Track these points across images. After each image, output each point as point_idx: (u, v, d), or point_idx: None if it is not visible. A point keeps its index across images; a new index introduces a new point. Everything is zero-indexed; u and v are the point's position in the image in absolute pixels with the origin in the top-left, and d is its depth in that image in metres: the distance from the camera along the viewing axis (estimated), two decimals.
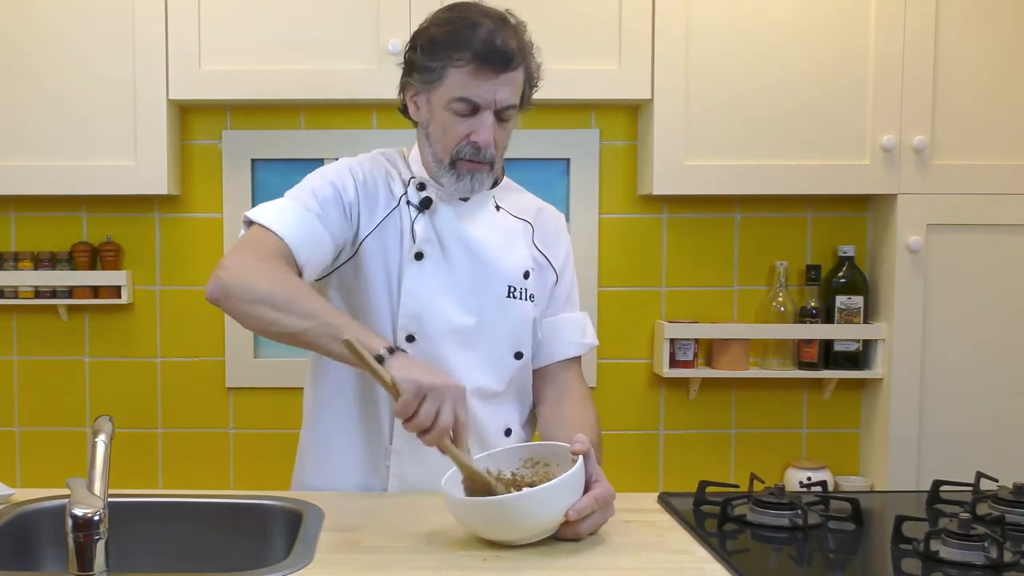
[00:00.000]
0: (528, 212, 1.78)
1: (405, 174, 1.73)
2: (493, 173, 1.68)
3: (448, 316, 1.67)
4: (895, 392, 2.49)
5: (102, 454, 1.30)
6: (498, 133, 1.62)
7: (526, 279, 1.71)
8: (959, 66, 2.44)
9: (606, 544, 1.44)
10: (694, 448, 2.70)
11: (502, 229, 1.73)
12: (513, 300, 1.70)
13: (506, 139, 1.66)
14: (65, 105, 2.41)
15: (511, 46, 1.57)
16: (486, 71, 1.56)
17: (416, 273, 1.66)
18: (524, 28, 1.63)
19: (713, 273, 2.67)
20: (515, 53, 1.57)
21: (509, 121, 1.64)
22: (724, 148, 2.44)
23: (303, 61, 2.41)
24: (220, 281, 1.52)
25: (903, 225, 2.47)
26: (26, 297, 2.57)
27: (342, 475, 1.74)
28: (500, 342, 1.70)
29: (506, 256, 1.70)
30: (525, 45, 1.62)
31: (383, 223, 1.68)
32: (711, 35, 2.42)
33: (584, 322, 1.82)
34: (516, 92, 1.61)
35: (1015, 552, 1.36)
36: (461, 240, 1.68)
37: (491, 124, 1.60)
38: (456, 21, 1.59)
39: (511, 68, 1.58)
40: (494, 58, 1.56)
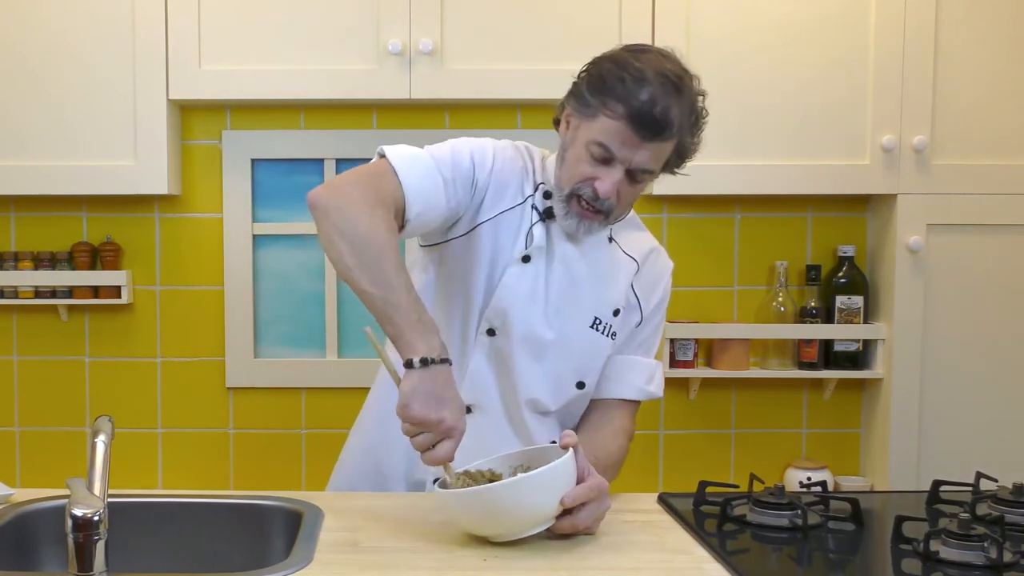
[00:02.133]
0: (640, 252, 1.76)
1: (539, 176, 1.71)
2: (607, 223, 1.65)
3: (532, 324, 1.67)
4: (895, 392, 2.49)
5: (102, 454, 1.30)
6: (625, 190, 1.60)
7: (615, 316, 1.71)
8: (959, 66, 2.44)
9: (606, 544, 1.44)
10: (694, 448, 2.70)
11: (608, 262, 1.72)
12: (595, 332, 1.70)
13: (633, 197, 1.64)
14: (65, 105, 2.41)
15: (669, 117, 1.53)
16: (634, 133, 1.54)
17: (518, 273, 1.66)
18: (699, 95, 1.61)
19: (713, 273, 2.67)
20: (670, 126, 1.54)
21: (641, 183, 1.61)
22: (724, 148, 2.44)
23: (303, 61, 2.41)
24: (327, 196, 1.49)
25: (903, 225, 2.47)
26: (26, 297, 2.57)
27: (391, 479, 1.76)
28: (568, 366, 1.70)
29: (603, 289, 1.70)
30: (685, 119, 1.57)
31: (504, 215, 1.67)
32: (711, 35, 2.42)
33: (655, 370, 1.78)
34: (657, 160, 1.58)
35: (1015, 552, 1.36)
36: (567, 259, 1.68)
37: (619, 180, 1.57)
38: (629, 68, 1.55)
39: (660, 139, 1.55)
40: (646, 124, 1.53)
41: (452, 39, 2.39)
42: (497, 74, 2.41)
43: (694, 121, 1.61)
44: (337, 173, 2.62)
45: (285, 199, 2.64)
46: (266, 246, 2.65)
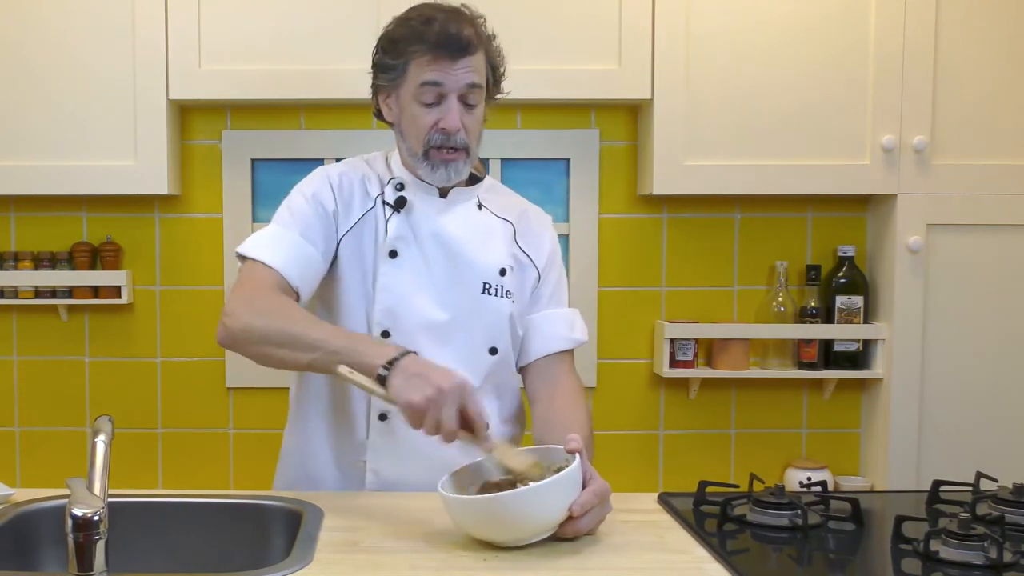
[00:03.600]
0: (511, 212, 1.82)
1: (385, 175, 1.77)
2: (470, 161, 1.71)
3: (422, 312, 1.71)
4: (895, 392, 2.49)
5: (102, 454, 1.30)
6: (466, 119, 1.67)
7: (502, 276, 1.75)
8: (959, 66, 2.44)
9: (606, 544, 1.44)
10: (694, 448, 2.70)
11: (481, 227, 1.76)
12: (488, 296, 1.73)
13: (476, 125, 1.70)
14: (65, 105, 2.41)
15: (465, 32, 1.64)
16: (444, 58, 1.63)
17: (390, 270, 1.71)
18: (482, 20, 1.70)
19: (713, 273, 2.67)
20: (470, 39, 1.64)
21: (476, 107, 1.68)
22: (724, 148, 2.44)
23: (303, 61, 2.41)
24: (226, 328, 1.62)
25: (903, 225, 2.47)
26: (26, 297, 2.57)
27: (321, 472, 1.78)
28: (475, 338, 1.73)
29: (483, 253, 1.74)
30: (482, 32, 1.69)
31: (358, 224, 1.73)
32: (711, 35, 2.42)
33: (572, 317, 1.83)
34: (477, 74, 1.67)
35: (1015, 552, 1.36)
36: (437, 237, 1.72)
37: (456, 108, 1.65)
38: (412, 19, 1.68)
39: (468, 53, 1.65)
40: (450, 44, 1.63)
41: None
42: None
43: (487, 35, 1.71)
44: None
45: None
46: None
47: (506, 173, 2.63)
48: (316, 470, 1.80)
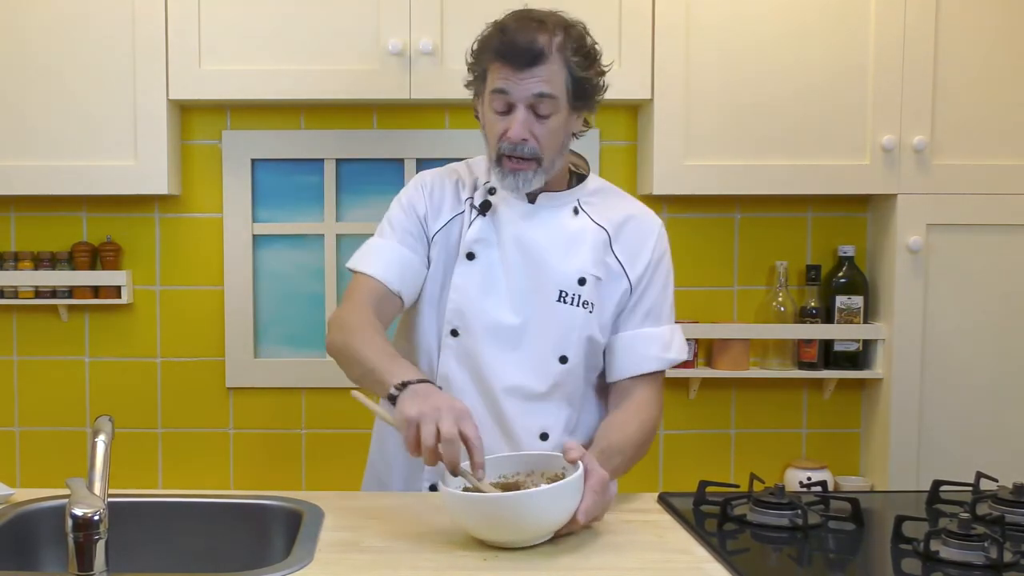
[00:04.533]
0: (613, 219, 1.77)
1: (482, 179, 1.78)
2: (542, 171, 1.68)
3: (492, 314, 1.71)
4: (895, 392, 2.49)
5: (102, 454, 1.31)
6: (536, 128, 1.65)
7: (581, 285, 1.72)
8: (959, 66, 2.44)
9: (606, 544, 1.44)
10: (694, 448, 2.70)
11: (569, 233, 1.74)
12: (563, 305, 1.72)
13: (549, 136, 1.66)
14: (65, 105, 2.41)
15: (537, 43, 1.62)
16: (510, 67, 1.63)
17: (465, 271, 1.73)
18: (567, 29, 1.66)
19: (713, 273, 2.67)
20: (540, 49, 1.62)
21: (549, 117, 1.65)
22: (724, 148, 2.44)
23: (303, 61, 2.41)
24: (328, 340, 1.70)
25: (903, 225, 2.47)
26: (26, 297, 2.57)
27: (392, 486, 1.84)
28: (545, 345, 1.72)
29: (564, 261, 1.72)
30: (559, 41, 1.64)
31: (447, 225, 1.76)
32: (711, 35, 2.42)
33: (668, 336, 1.78)
34: (549, 84, 1.63)
35: (1015, 552, 1.36)
36: (519, 242, 1.72)
37: (522, 119, 1.64)
38: (493, 26, 1.69)
39: (537, 63, 1.62)
40: (515, 54, 1.62)
41: (452, 39, 2.39)
42: None
43: (577, 48, 1.66)
44: (337, 173, 2.63)
45: (285, 199, 2.64)
46: (266, 246, 2.65)
47: None
48: (389, 483, 1.84)
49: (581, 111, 1.71)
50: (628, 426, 1.69)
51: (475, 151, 2.59)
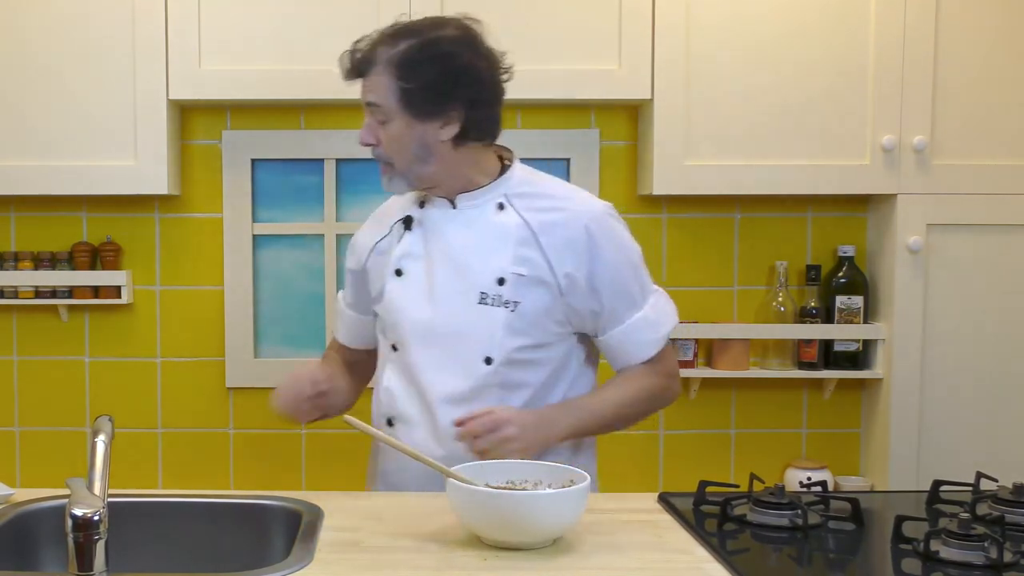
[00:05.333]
0: (542, 211, 1.75)
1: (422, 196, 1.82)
2: (398, 175, 1.74)
3: (422, 324, 1.76)
4: (895, 392, 2.49)
5: (102, 454, 1.30)
6: (380, 133, 1.72)
7: (501, 285, 1.72)
8: (959, 66, 2.44)
9: (606, 544, 1.44)
10: (694, 448, 2.70)
11: (489, 233, 1.74)
12: (485, 307, 1.73)
13: (389, 141, 1.72)
14: (65, 105, 2.41)
15: (364, 57, 1.72)
16: (348, 77, 1.75)
17: (395, 287, 1.79)
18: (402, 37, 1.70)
19: (713, 273, 2.67)
20: (361, 61, 1.71)
21: (388, 123, 1.71)
22: (724, 148, 2.44)
23: (303, 61, 2.41)
24: None
25: (903, 225, 2.47)
26: (26, 297, 2.57)
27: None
28: (470, 348, 1.74)
29: (483, 262, 1.73)
30: (385, 53, 1.70)
31: (375, 252, 1.86)
32: (711, 35, 2.42)
33: (653, 315, 1.78)
34: (373, 94, 1.71)
35: (1015, 552, 1.36)
36: (443, 249, 1.76)
37: (365, 123, 1.74)
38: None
39: (361, 74, 1.72)
40: (349, 66, 1.74)
41: None
42: None
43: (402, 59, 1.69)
44: (337, 173, 2.63)
45: (285, 199, 2.64)
46: (266, 246, 2.65)
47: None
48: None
49: (428, 119, 1.69)
50: (607, 390, 1.79)
51: None
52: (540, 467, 1.54)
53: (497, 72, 1.74)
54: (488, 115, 1.73)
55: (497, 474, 1.51)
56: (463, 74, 1.68)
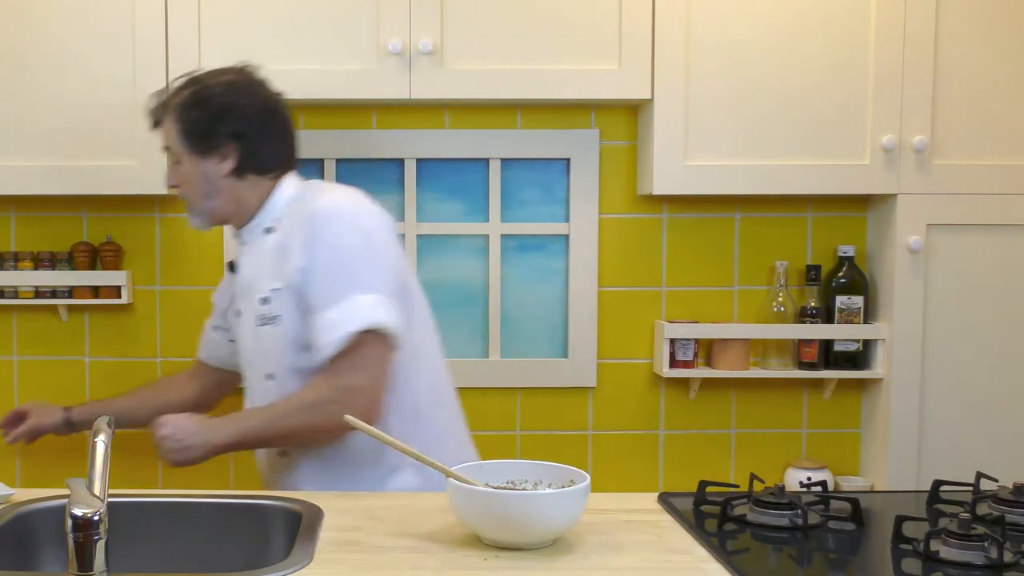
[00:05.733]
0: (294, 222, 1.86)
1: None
2: (195, 211, 1.95)
3: (243, 363, 1.98)
4: (895, 392, 2.49)
5: (102, 454, 1.30)
6: (178, 173, 1.95)
7: (266, 304, 1.86)
8: (959, 66, 2.44)
9: (606, 544, 1.44)
10: (694, 448, 2.70)
11: (259, 258, 1.91)
12: (262, 328, 1.88)
13: (183, 181, 1.94)
14: (65, 105, 2.41)
15: (152, 108, 1.99)
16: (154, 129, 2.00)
17: (236, 327, 2.01)
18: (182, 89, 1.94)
19: (713, 273, 2.67)
20: (156, 111, 1.97)
21: (180, 163, 1.93)
22: (724, 148, 2.44)
23: (303, 61, 2.41)
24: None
25: (903, 225, 2.47)
26: (26, 297, 2.57)
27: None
28: (258, 369, 1.92)
29: (253, 288, 1.90)
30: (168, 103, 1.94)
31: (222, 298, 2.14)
32: (711, 35, 2.42)
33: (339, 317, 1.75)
34: (165, 139, 1.95)
35: (1015, 552, 1.36)
36: (240, 284, 1.96)
37: (167, 167, 1.98)
38: None
39: (157, 125, 1.97)
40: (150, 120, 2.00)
41: (452, 39, 2.39)
42: (497, 74, 2.41)
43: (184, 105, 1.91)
44: (337, 173, 2.63)
45: None
46: None
47: (506, 173, 2.63)
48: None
49: (206, 155, 1.90)
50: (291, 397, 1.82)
51: (475, 151, 2.62)
52: (540, 467, 1.54)
53: (268, 110, 1.93)
54: (264, 148, 1.91)
55: (497, 474, 1.52)
56: (227, 112, 1.88)
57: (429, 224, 2.63)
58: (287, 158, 1.95)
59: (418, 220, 2.63)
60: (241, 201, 1.91)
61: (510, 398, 2.67)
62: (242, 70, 1.96)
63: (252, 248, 1.92)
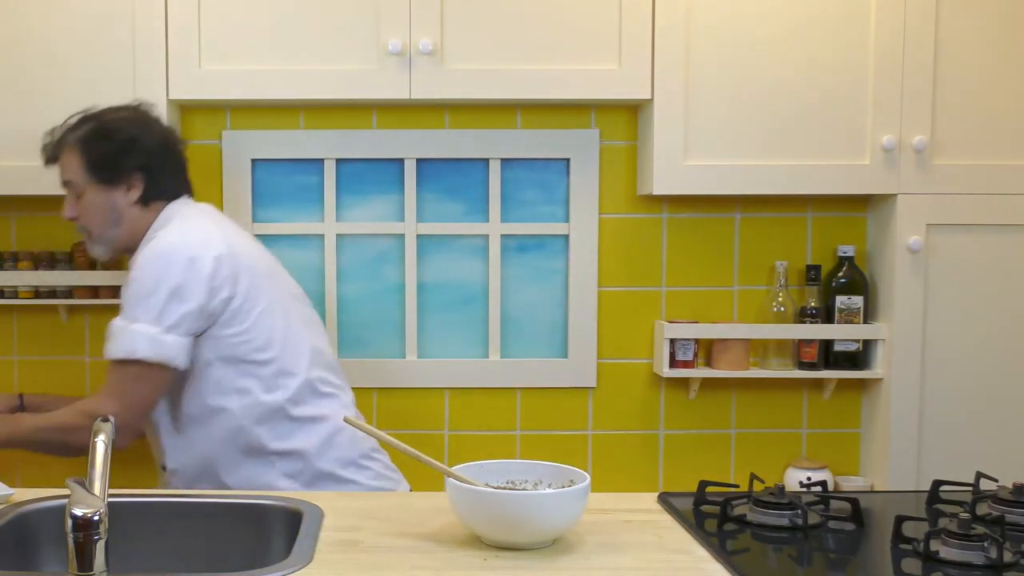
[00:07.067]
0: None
1: None
2: (96, 240, 2.10)
3: None
4: (895, 392, 2.49)
5: (102, 454, 1.30)
6: (79, 206, 2.08)
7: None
8: (959, 66, 2.44)
9: (606, 544, 1.44)
10: (694, 448, 2.70)
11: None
12: None
13: (86, 211, 2.08)
14: (65, 105, 2.39)
15: (49, 146, 2.12)
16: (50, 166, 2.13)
17: None
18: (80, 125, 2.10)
19: (713, 273, 2.67)
20: (50, 151, 2.12)
21: (83, 194, 2.06)
22: (724, 148, 2.44)
23: (303, 61, 2.41)
24: None
25: (903, 225, 2.47)
26: (26, 297, 2.57)
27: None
28: None
29: None
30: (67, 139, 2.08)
31: None
32: (711, 35, 2.42)
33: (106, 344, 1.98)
34: (67, 173, 2.09)
35: (1015, 552, 1.36)
36: None
37: (66, 201, 2.10)
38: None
39: (55, 161, 2.11)
40: (45, 156, 2.14)
41: (452, 39, 2.40)
42: (497, 74, 2.41)
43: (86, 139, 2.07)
44: (337, 173, 2.63)
45: (285, 199, 2.64)
46: (266, 246, 2.64)
47: (506, 173, 2.63)
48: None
49: (113, 185, 2.05)
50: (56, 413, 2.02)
51: (475, 151, 2.62)
52: (540, 467, 1.54)
53: (167, 143, 2.13)
54: (167, 178, 2.10)
55: (497, 474, 1.52)
56: (131, 144, 2.05)
57: (429, 224, 2.63)
58: (184, 185, 2.16)
59: (418, 220, 2.63)
60: (139, 230, 2.08)
61: (510, 398, 2.67)
62: (137, 107, 2.16)
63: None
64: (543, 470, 1.53)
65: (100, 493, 1.26)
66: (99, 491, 1.26)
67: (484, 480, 1.48)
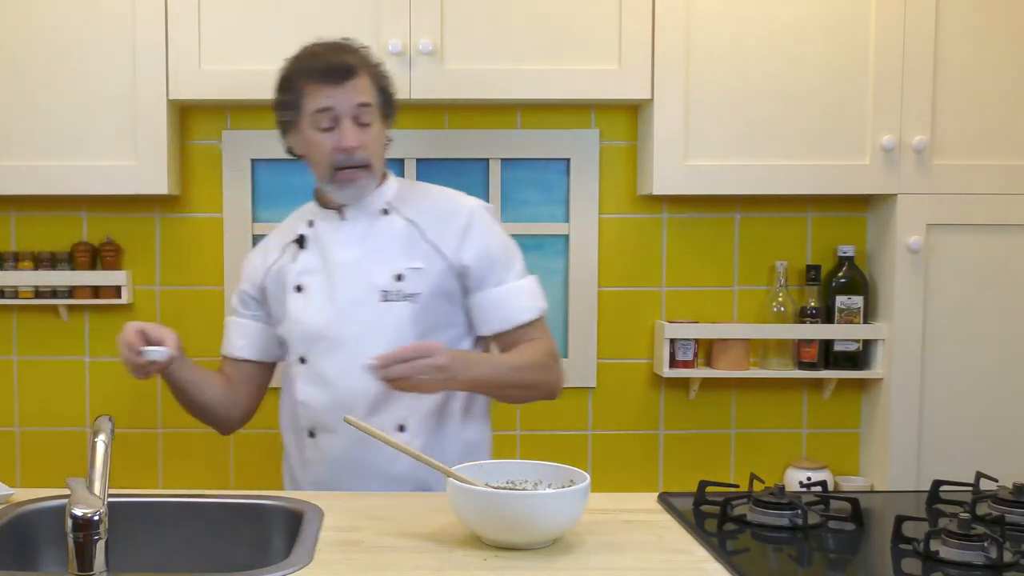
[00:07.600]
0: (423, 211, 1.90)
1: (308, 216, 1.96)
2: (373, 176, 1.88)
3: (327, 333, 1.86)
4: (895, 392, 2.49)
5: (102, 454, 1.31)
6: (363, 136, 1.84)
7: (400, 281, 1.85)
8: (959, 66, 2.44)
9: (606, 544, 1.44)
10: (694, 448, 2.70)
11: (379, 236, 1.89)
12: (390, 303, 1.85)
13: (374, 142, 1.86)
14: (65, 105, 2.41)
15: (346, 59, 1.85)
16: (330, 84, 1.83)
17: (296, 302, 1.90)
18: (365, 50, 1.92)
19: (713, 273, 2.67)
20: (353, 64, 1.85)
21: (371, 125, 1.86)
22: (724, 148, 2.44)
23: None
24: None
25: (903, 225, 2.47)
26: (26, 297, 2.57)
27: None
28: (380, 345, 1.78)
29: (379, 263, 1.86)
30: (365, 58, 1.89)
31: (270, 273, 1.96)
32: (711, 35, 2.42)
33: (531, 286, 1.92)
34: (364, 93, 1.85)
35: (1015, 552, 1.36)
36: (339, 259, 1.88)
37: (351, 128, 1.83)
38: (300, 56, 1.91)
39: (353, 76, 1.84)
40: (334, 71, 1.83)
41: (452, 39, 2.40)
42: (497, 74, 2.41)
43: (377, 64, 1.91)
44: None
45: (285, 199, 2.63)
46: None
47: (506, 173, 2.63)
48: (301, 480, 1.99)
49: (388, 120, 1.92)
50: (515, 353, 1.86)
51: (475, 151, 2.62)
52: (540, 467, 1.54)
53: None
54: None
55: (497, 474, 1.52)
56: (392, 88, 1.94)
57: None
58: None
59: None
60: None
61: None
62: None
63: (356, 227, 1.90)
64: (543, 470, 1.53)
65: (100, 493, 1.26)
66: (99, 491, 1.26)
67: (484, 480, 1.48)
